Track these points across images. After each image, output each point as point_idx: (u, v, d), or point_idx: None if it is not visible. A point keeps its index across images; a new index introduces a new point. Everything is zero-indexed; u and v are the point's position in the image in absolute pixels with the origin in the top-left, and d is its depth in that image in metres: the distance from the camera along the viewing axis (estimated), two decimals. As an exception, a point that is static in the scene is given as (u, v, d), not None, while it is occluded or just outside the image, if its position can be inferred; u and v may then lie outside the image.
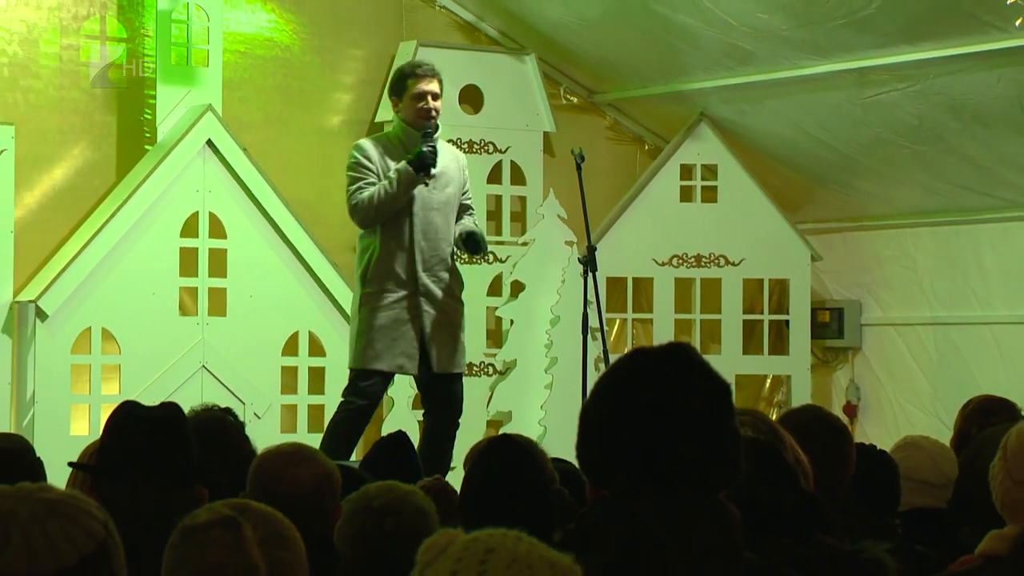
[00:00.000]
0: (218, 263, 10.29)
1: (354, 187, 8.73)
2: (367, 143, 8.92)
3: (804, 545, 3.80)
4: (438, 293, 8.84)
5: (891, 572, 3.85)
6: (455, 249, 9.06)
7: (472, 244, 8.98)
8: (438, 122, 8.91)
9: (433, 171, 8.76)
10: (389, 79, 9.11)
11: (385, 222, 8.80)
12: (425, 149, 8.70)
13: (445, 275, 8.91)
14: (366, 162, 8.76)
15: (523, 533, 2.22)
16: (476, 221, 9.26)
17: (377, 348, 8.74)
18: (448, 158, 9.02)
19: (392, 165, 8.75)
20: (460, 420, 9.00)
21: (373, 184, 8.70)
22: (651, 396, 2.87)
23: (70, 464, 4.83)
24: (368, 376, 8.82)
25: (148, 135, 10.35)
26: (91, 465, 4.68)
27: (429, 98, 8.85)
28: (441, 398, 8.94)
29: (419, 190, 8.76)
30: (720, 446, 2.89)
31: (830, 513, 4.04)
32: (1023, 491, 3.73)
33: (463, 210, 9.10)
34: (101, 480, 4.58)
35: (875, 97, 10.63)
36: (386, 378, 8.97)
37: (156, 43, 10.31)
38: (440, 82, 9.01)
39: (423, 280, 8.77)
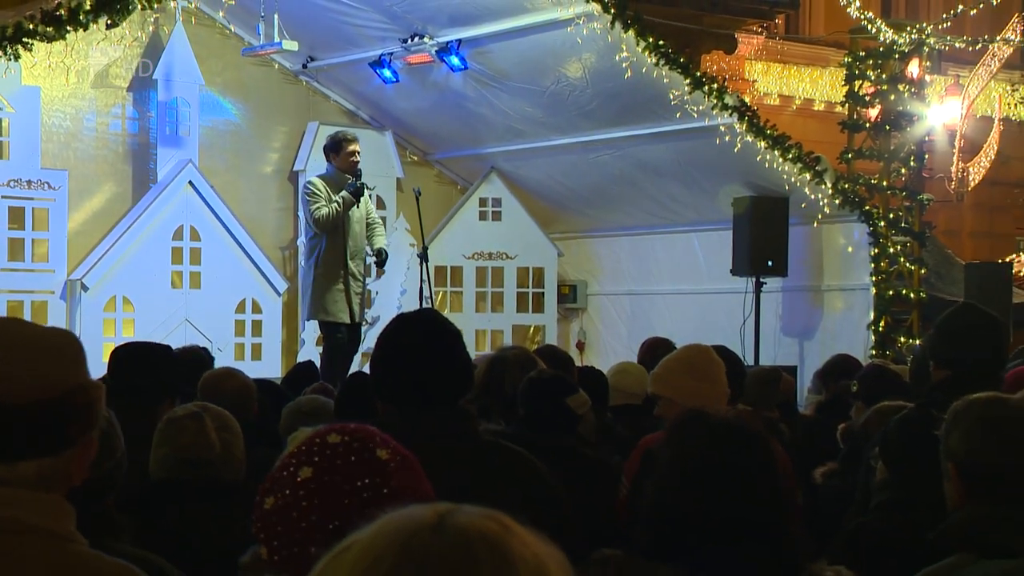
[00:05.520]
0: (195, 256, 10.14)
1: (315, 206, 8.29)
2: (317, 180, 8.45)
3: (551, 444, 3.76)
4: (357, 274, 8.63)
5: (613, 471, 3.82)
6: (368, 253, 8.74)
7: (380, 259, 8.67)
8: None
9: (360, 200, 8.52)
10: (327, 141, 8.60)
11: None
12: (359, 184, 8.39)
13: (360, 263, 8.64)
14: (318, 191, 8.35)
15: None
16: (382, 233, 8.83)
17: (335, 306, 8.42)
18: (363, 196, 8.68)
19: (332, 193, 8.36)
20: None
21: (325, 205, 8.32)
22: (406, 342, 2.75)
23: None
24: (337, 326, 8.48)
25: (151, 178, 10.19)
26: (105, 381, 4.55)
27: (357, 155, 8.59)
28: (355, 338, 8.69)
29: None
30: (454, 371, 2.76)
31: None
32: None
33: (372, 224, 8.74)
34: (111, 393, 4.46)
35: (595, 158, 10.73)
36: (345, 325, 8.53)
37: (157, 120, 10.18)
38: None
39: (349, 265, 8.55)
